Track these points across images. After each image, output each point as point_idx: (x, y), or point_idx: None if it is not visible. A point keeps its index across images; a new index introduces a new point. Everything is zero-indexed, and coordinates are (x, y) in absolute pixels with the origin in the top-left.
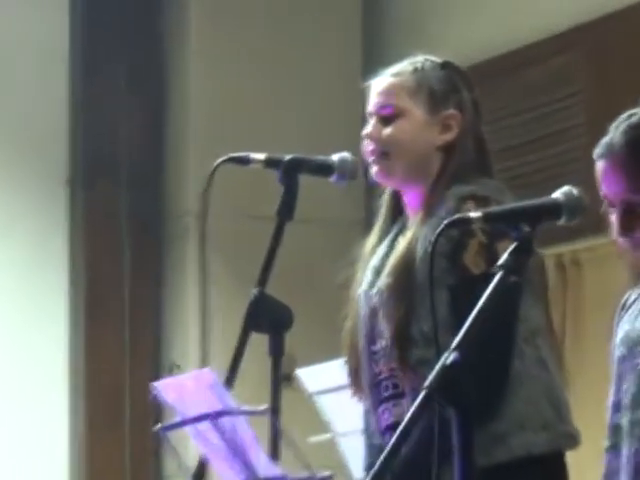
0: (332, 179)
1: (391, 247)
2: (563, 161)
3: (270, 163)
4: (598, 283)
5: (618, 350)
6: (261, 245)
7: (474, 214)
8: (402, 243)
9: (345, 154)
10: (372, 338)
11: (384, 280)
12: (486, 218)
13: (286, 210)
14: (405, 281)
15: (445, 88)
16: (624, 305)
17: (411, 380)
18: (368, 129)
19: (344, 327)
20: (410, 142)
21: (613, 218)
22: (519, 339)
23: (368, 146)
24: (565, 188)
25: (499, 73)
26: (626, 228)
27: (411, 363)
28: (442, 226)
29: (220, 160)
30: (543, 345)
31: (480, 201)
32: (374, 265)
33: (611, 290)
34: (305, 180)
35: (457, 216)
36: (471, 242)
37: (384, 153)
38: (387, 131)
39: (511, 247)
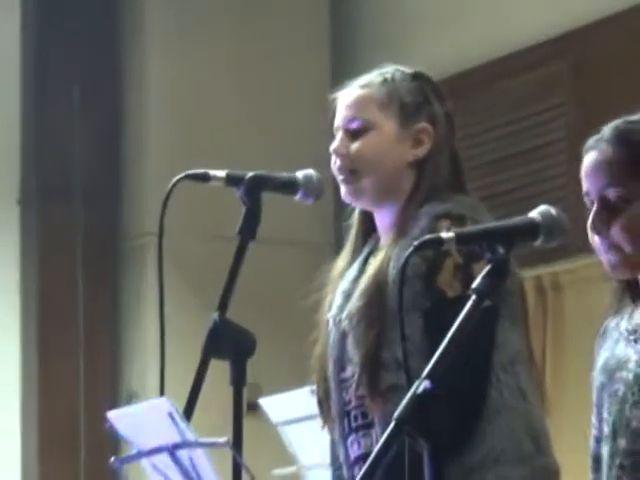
0: (297, 197)
1: (362, 269)
2: (542, 178)
3: (231, 180)
4: (580, 307)
5: (598, 379)
6: (223, 267)
7: (446, 235)
8: (373, 265)
9: (310, 171)
10: (342, 364)
11: (354, 303)
12: (459, 239)
13: (248, 230)
14: (376, 304)
15: (416, 100)
16: (604, 331)
17: (381, 408)
18: (335, 144)
19: (313, 353)
20: (380, 158)
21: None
22: (496, 366)
23: (336, 162)
24: (542, 207)
25: (473, 86)
26: (600, 225)
27: (381, 390)
28: (411, 248)
29: (178, 177)
30: (522, 373)
31: (455, 220)
32: (344, 288)
33: (594, 315)
34: (272, 199)
35: (428, 237)
36: (446, 263)
37: (352, 171)
38: (355, 146)
39: (485, 269)
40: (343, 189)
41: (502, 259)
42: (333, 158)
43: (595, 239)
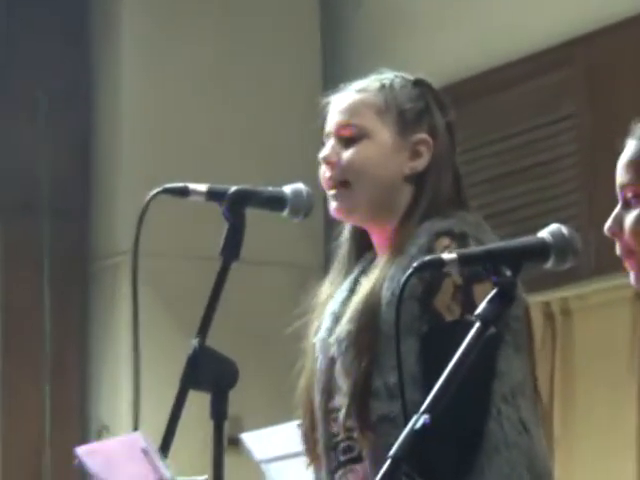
0: (284, 214)
1: (352, 290)
2: (550, 196)
3: (213, 195)
4: (591, 334)
5: None
6: (203, 289)
7: (447, 256)
8: (365, 285)
9: (299, 185)
10: (329, 393)
11: (344, 327)
12: (462, 260)
13: (231, 249)
14: (368, 328)
15: (416, 108)
16: None
17: (371, 441)
18: (325, 152)
19: (299, 384)
20: (374, 168)
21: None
22: (497, 397)
23: (325, 172)
24: (553, 226)
25: (474, 95)
26: (615, 225)
27: (372, 421)
28: (410, 270)
29: (155, 191)
30: (524, 405)
31: (457, 238)
32: (333, 310)
33: (606, 343)
34: (257, 216)
35: (427, 258)
36: (444, 284)
37: (343, 182)
38: (347, 155)
39: (490, 294)
40: (333, 203)
41: (509, 282)
42: (322, 167)
43: (617, 247)
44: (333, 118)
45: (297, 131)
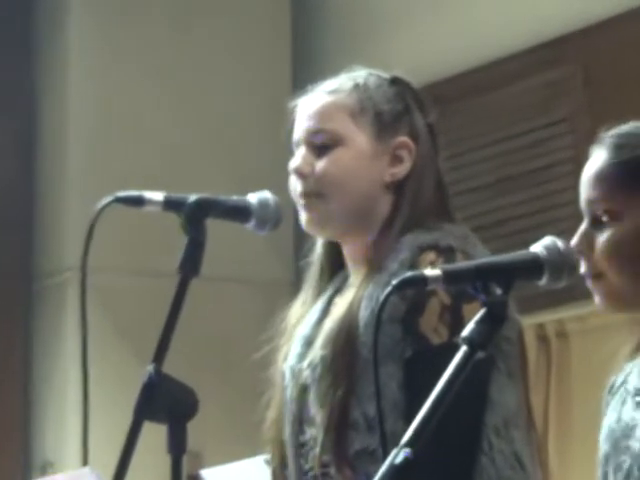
0: (249, 226)
1: (326, 311)
2: (544, 207)
3: (170, 205)
4: (589, 359)
5: (602, 448)
6: (159, 309)
7: (431, 272)
8: (341, 305)
9: (266, 194)
10: (300, 426)
11: (318, 352)
12: (447, 277)
13: (191, 264)
14: (345, 352)
15: (395, 109)
16: (610, 389)
17: (348, 478)
18: (296, 162)
19: (267, 416)
20: (351, 178)
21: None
22: (489, 429)
23: (296, 185)
24: (547, 240)
25: (459, 96)
26: (584, 245)
27: (349, 456)
28: (390, 287)
29: (106, 201)
30: (518, 437)
31: (443, 253)
32: (304, 334)
33: (604, 368)
34: (219, 228)
35: (408, 275)
36: (430, 303)
37: (318, 194)
38: (321, 164)
39: (478, 314)
40: (304, 216)
41: (499, 302)
42: (292, 179)
43: (582, 265)
44: (302, 124)
45: (263, 134)
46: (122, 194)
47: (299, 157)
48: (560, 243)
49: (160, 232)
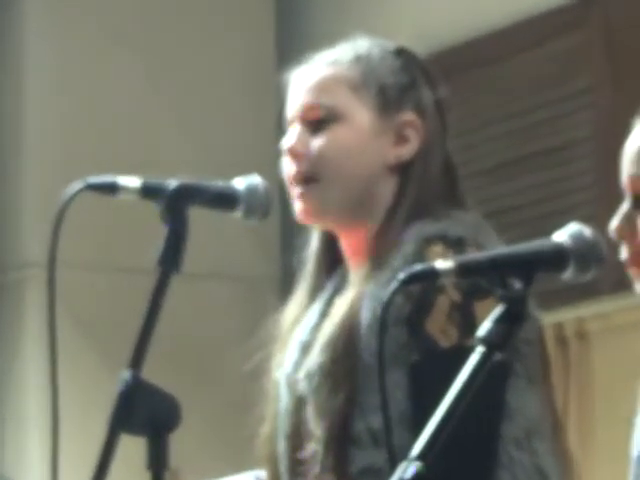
0: (236, 214)
1: (324, 313)
2: (562, 191)
3: (149, 192)
4: (611, 361)
5: (636, 447)
6: (134, 308)
7: (442, 265)
8: (340, 306)
9: (255, 179)
10: (297, 441)
11: (316, 358)
12: (460, 270)
13: (171, 259)
14: (346, 358)
15: (400, 83)
16: None
17: None
18: (289, 141)
19: (260, 431)
20: (351, 159)
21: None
22: (508, 441)
23: (290, 166)
24: (573, 227)
25: (468, 67)
26: (626, 227)
27: (353, 474)
28: (396, 283)
29: (77, 188)
30: (542, 449)
31: (453, 245)
32: (301, 339)
33: (629, 371)
34: (201, 218)
35: (417, 268)
36: (438, 301)
37: (313, 178)
38: (317, 143)
39: (496, 312)
40: (299, 204)
41: (519, 297)
42: (285, 160)
43: (622, 251)
44: (297, 99)
45: (246, 115)
46: (94, 181)
47: (293, 136)
48: (587, 231)
49: (132, 223)
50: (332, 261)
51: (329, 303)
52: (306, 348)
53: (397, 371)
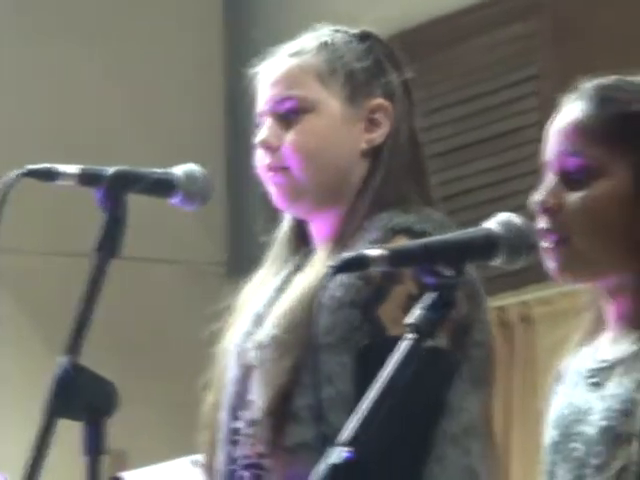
0: (175, 201)
1: (281, 289)
2: (513, 175)
3: (87, 178)
4: (554, 346)
5: (549, 435)
6: (72, 292)
7: (374, 252)
8: (298, 283)
9: (193, 166)
10: (238, 410)
11: (268, 330)
12: (392, 258)
13: (109, 244)
14: (297, 333)
15: (367, 68)
16: (558, 377)
17: (286, 468)
18: (263, 135)
19: (206, 400)
20: (325, 148)
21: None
22: (444, 437)
23: (263, 159)
24: (502, 215)
25: (420, 50)
26: (550, 201)
27: (288, 447)
28: (329, 270)
29: (15, 174)
30: (476, 449)
31: (416, 238)
32: (255, 312)
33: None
34: (141, 204)
35: (348, 255)
36: (395, 291)
37: (287, 168)
38: (290, 137)
39: (427, 298)
40: (274, 192)
41: (449, 285)
42: (259, 153)
43: (540, 225)
44: (265, 93)
45: (192, 104)
46: (32, 167)
47: (266, 129)
48: (517, 219)
49: (78, 207)
50: (300, 244)
51: (287, 280)
52: (259, 320)
53: (346, 353)
